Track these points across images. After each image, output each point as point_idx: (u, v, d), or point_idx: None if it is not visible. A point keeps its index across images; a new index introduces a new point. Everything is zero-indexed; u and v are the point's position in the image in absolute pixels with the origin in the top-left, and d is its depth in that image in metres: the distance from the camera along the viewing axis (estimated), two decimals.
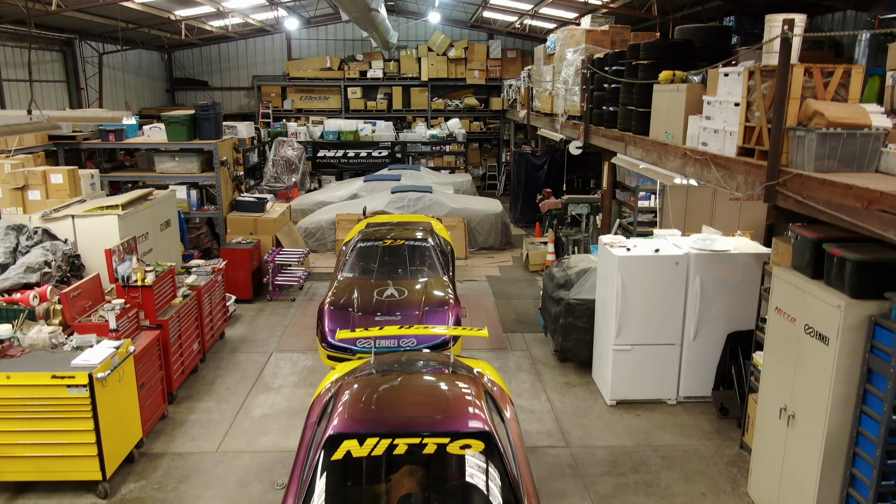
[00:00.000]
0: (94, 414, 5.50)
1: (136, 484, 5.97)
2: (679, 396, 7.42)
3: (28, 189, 8.19)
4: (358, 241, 9.44)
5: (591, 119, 10.64)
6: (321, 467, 4.27)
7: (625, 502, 5.72)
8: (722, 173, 6.23)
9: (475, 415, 4.57)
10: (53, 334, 5.94)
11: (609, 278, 7.26)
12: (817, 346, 4.81)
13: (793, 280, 5.14)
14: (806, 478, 4.97)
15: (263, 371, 8.26)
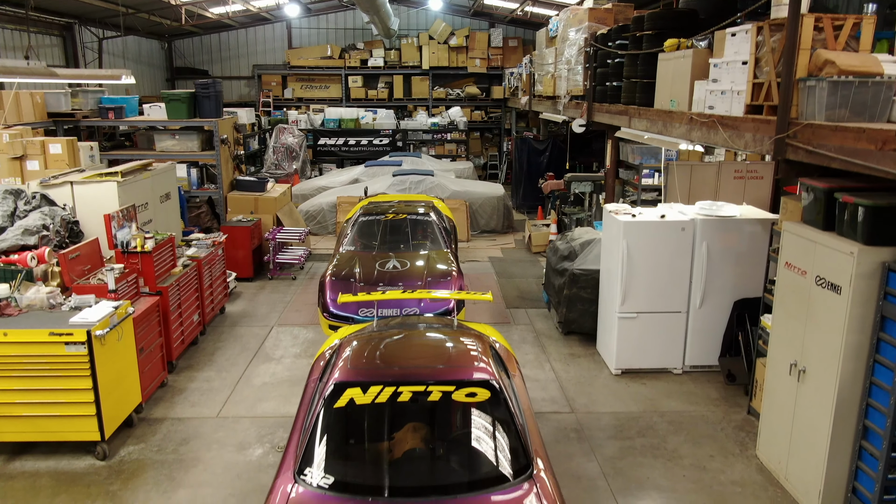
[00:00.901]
0: (92, 372, 5.41)
1: (136, 447, 5.88)
2: (685, 365, 7.33)
3: (26, 159, 8.12)
4: (359, 215, 9.36)
5: (594, 97, 10.56)
6: (323, 415, 4.18)
7: (631, 464, 5.63)
8: (729, 133, 6.15)
9: (480, 366, 4.50)
10: (51, 295, 5.85)
11: (614, 245, 7.18)
12: (829, 297, 4.72)
13: (803, 233, 5.05)
14: (817, 433, 4.88)
15: (264, 343, 8.17)
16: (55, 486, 5.29)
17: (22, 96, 10.02)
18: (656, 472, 5.52)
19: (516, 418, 4.24)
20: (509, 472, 3.90)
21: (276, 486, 3.88)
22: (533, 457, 4.03)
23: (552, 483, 3.86)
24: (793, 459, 5.20)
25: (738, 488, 5.31)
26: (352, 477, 3.98)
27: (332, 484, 3.83)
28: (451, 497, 3.75)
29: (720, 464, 5.64)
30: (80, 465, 5.57)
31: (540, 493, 3.76)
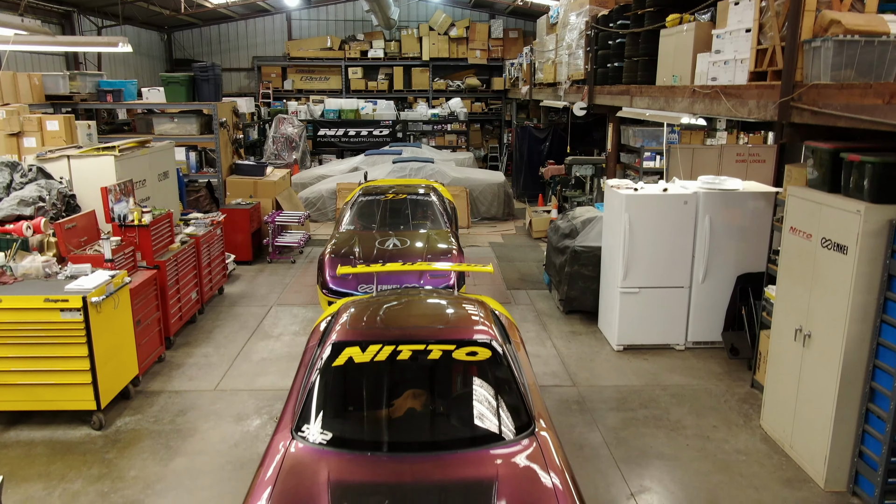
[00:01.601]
0: (88, 340, 5.35)
1: (132, 417, 5.81)
2: (687, 342, 7.26)
3: (23, 136, 8.05)
4: (359, 195, 9.30)
5: (595, 80, 10.50)
6: (322, 374, 4.11)
7: (634, 434, 5.56)
8: (733, 102, 6.09)
9: (481, 328, 4.43)
10: (47, 264, 5.79)
11: (616, 220, 7.11)
12: (835, 258, 4.65)
13: (808, 196, 4.99)
14: (823, 398, 4.81)
15: (263, 322, 8.10)
16: (50, 454, 5.22)
17: (19, 78, 9.97)
18: (659, 441, 5.45)
19: (518, 378, 4.18)
20: (511, 429, 3.84)
21: (273, 442, 3.82)
22: (535, 416, 3.96)
23: (555, 441, 3.79)
24: (798, 427, 5.13)
25: (743, 456, 5.24)
26: (350, 433, 3.91)
27: (331, 440, 3.76)
28: (451, 452, 3.68)
29: (724, 434, 5.57)
30: (75, 435, 5.50)
31: (542, 449, 3.69)
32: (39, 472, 4.98)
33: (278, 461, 3.59)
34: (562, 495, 3.30)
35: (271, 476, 3.48)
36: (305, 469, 3.53)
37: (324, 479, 3.40)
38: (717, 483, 4.89)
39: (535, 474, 3.46)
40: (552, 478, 3.43)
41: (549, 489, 3.34)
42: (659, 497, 4.72)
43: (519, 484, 3.40)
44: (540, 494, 3.31)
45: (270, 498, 3.29)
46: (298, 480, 3.46)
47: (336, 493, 3.32)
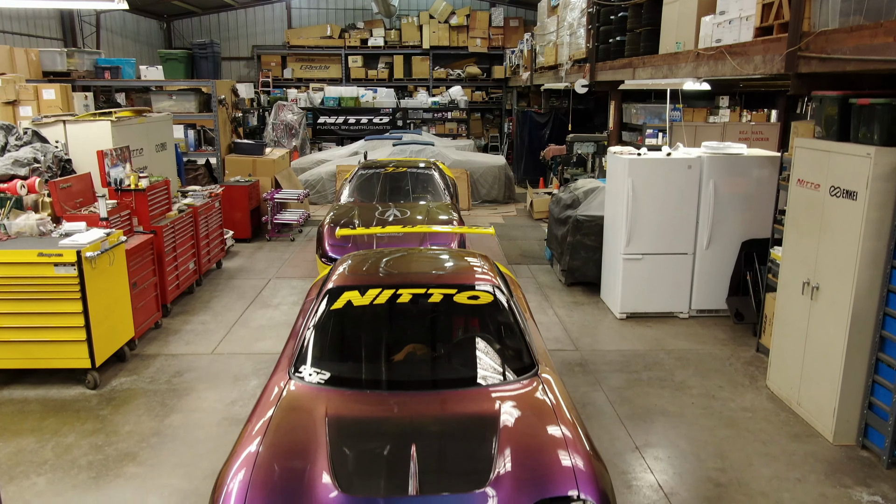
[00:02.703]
0: (82, 296, 5.25)
1: (128, 378, 5.72)
2: (691, 309, 7.16)
3: (19, 104, 7.97)
4: (359, 169, 9.21)
5: (596, 57, 10.41)
6: (320, 318, 4.02)
7: (638, 393, 5.47)
8: (738, 60, 6.00)
9: (483, 275, 4.35)
10: (41, 222, 5.70)
11: (619, 186, 7.01)
12: (844, 206, 4.56)
13: (816, 145, 4.90)
14: (831, 351, 4.72)
15: (262, 293, 8.01)
16: (43, 411, 5.13)
17: (16, 52, 9.87)
18: (664, 400, 5.36)
19: (520, 324, 4.08)
20: (513, 370, 3.74)
21: (270, 383, 3.73)
22: (537, 360, 3.86)
23: (558, 383, 3.70)
24: (805, 383, 5.04)
25: (749, 413, 5.14)
26: (349, 373, 3.82)
27: (329, 379, 3.67)
28: (452, 390, 3.59)
29: (729, 393, 5.48)
30: (69, 394, 5.40)
31: (545, 388, 3.59)
32: (32, 427, 4.89)
33: (275, 398, 3.50)
34: (566, 427, 3.20)
35: (268, 411, 3.38)
36: (303, 405, 3.44)
37: (321, 414, 3.31)
38: (724, 437, 4.80)
39: (538, 409, 3.37)
40: (555, 413, 3.33)
41: (553, 422, 3.24)
42: (665, 451, 4.62)
43: (522, 417, 3.31)
44: (543, 427, 3.21)
45: (267, 430, 3.20)
46: (296, 415, 3.37)
47: (334, 426, 3.23)
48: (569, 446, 3.05)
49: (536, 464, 2.99)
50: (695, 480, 4.28)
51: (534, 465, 2.98)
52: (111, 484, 4.21)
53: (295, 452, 3.09)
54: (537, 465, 2.98)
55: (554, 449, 3.06)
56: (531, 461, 3.00)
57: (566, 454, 3.00)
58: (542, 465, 2.98)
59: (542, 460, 3.01)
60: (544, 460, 3.01)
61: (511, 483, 2.86)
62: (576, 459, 2.97)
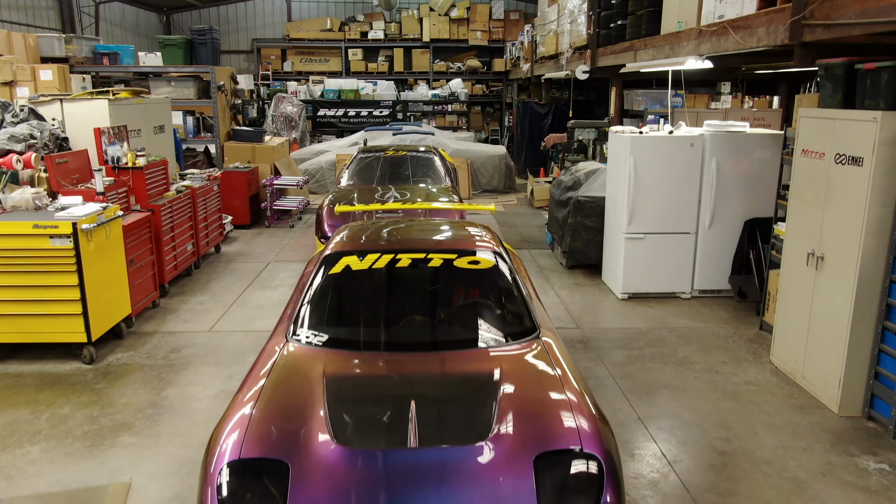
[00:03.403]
0: (78, 268, 5.19)
1: (124, 353, 5.66)
2: (694, 290, 7.10)
3: (16, 85, 7.92)
4: (358, 153, 9.15)
5: (597, 42, 10.36)
6: (318, 282, 3.96)
7: (640, 368, 5.40)
8: (741, 34, 5.94)
9: (484, 242, 4.29)
10: (37, 196, 5.63)
11: (620, 164, 6.95)
12: (849, 173, 4.50)
13: (821, 114, 4.83)
14: (836, 321, 4.65)
15: (260, 275, 7.95)
16: (39, 384, 5.07)
17: (14, 37, 9.82)
18: (666, 374, 5.29)
19: (521, 289, 4.02)
20: (514, 333, 3.68)
21: (267, 345, 3.66)
22: (538, 324, 3.80)
23: (559, 345, 3.64)
24: (810, 356, 4.97)
25: (753, 387, 5.08)
26: (348, 336, 3.76)
27: (327, 341, 3.61)
28: (452, 351, 3.52)
29: (733, 368, 5.41)
30: (65, 369, 5.34)
31: (546, 350, 3.53)
32: (27, 400, 4.82)
33: (273, 359, 3.43)
34: (568, 387, 3.14)
35: (265, 370, 3.32)
36: (300, 365, 3.38)
37: (319, 373, 3.25)
38: (727, 409, 4.73)
39: (540, 369, 3.30)
40: (556, 371, 3.27)
41: (555, 381, 3.17)
42: (668, 422, 4.56)
43: (524, 376, 3.24)
44: (545, 386, 3.15)
45: (263, 389, 3.14)
46: (292, 374, 3.30)
47: (331, 384, 3.16)
48: (572, 405, 2.98)
49: (539, 419, 2.92)
50: (699, 449, 4.22)
51: (536, 420, 2.91)
52: (106, 452, 4.14)
53: (291, 408, 3.02)
54: (539, 420, 2.91)
55: (557, 406, 2.99)
56: (533, 417, 2.93)
57: (569, 412, 2.93)
58: (545, 421, 2.91)
59: (544, 416, 2.94)
60: (547, 416, 2.94)
61: (512, 436, 2.80)
62: (579, 417, 2.90)
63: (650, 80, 11.91)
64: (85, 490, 3.77)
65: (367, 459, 2.71)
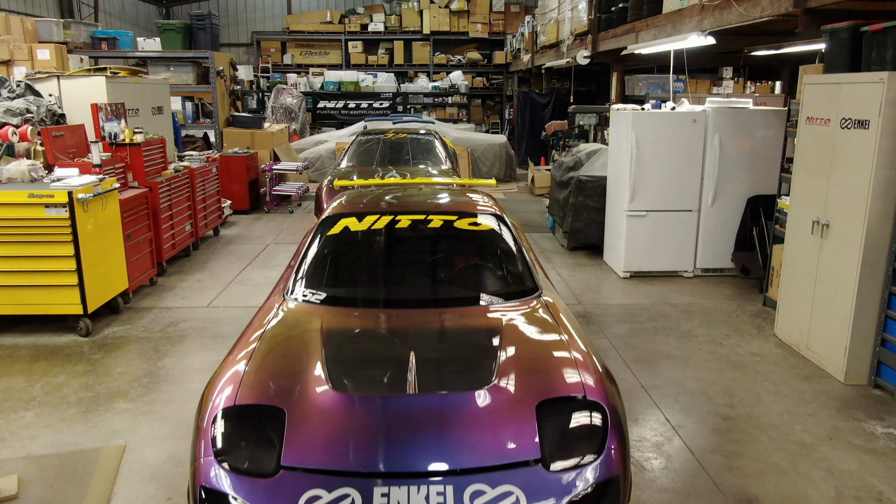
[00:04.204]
0: (74, 238, 5.13)
1: (121, 327, 5.59)
2: (696, 268, 7.04)
3: (13, 64, 7.86)
4: (358, 135, 9.09)
5: (598, 27, 10.30)
6: (317, 244, 3.90)
7: (643, 340, 5.34)
8: (744, 6, 5.89)
9: (485, 205, 4.24)
10: (33, 168, 5.57)
11: (622, 141, 6.88)
12: (855, 137, 4.43)
13: (827, 79, 4.77)
14: (842, 288, 4.59)
15: (259, 255, 7.89)
16: (34, 355, 5.00)
17: (12, 20, 9.75)
18: (669, 346, 5.23)
19: (522, 250, 3.96)
20: (516, 293, 3.62)
21: (264, 305, 3.60)
22: (540, 284, 3.74)
23: (562, 306, 3.57)
24: (815, 326, 4.91)
25: (758, 358, 5.01)
26: (346, 294, 3.70)
27: (325, 299, 3.54)
28: (453, 307, 3.46)
29: (736, 341, 5.35)
30: (61, 341, 5.28)
31: (548, 307, 3.47)
32: (21, 370, 4.76)
33: (269, 316, 3.37)
34: (571, 342, 3.07)
35: (261, 326, 3.26)
36: (298, 320, 3.32)
37: (317, 327, 3.18)
38: (732, 378, 4.67)
39: (542, 324, 3.24)
40: (559, 327, 3.20)
41: (558, 336, 3.11)
42: (672, 390, 4.49)
43: (526, 330, 3.18)
44: (548, 339, 3.09)
45: (260, 341, 3.07)
46: (290, 328, 3.25)
47: (329, 337, 3.10)
48: (576, 359, 2.88)
49: (541, 369, 2.85)
50: (703, 415, 4.15)
51: (538, 370, 2.85)
52: (101, 417, 4.08)
53: (288, 359, 2.97)
54: (542, 370, 2.85)
55: (560, 358, 2.92)
56: (536, 367, 2.87)
57: (573, 364, 2.85)
58: (548, 371, 2.84)
59: (547, 367, 2.88)
60: (550, 367, 2.87)
61: (514, 384, 2.73)
62: (583, 369, 2.81)
63: (652, 68, 11.87)
64: (79, 452, 3.70)
65: (365, 404, 2.65)
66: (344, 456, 2.44)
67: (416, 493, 2.32)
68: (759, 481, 3.44)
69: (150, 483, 3.42)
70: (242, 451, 2.51)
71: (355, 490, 2.33)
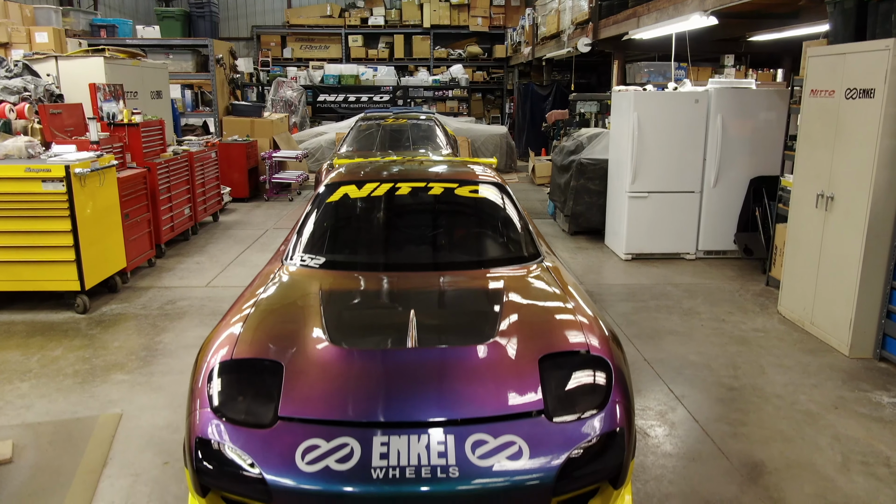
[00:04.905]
0: (71, 213, 5.08)
1: (118, 305, 5.55)
2: (698, 251, 6.99)
3: (11, 47, 7.81)
4: (357, 121, 9.04)
5: (599, 14, 10.26)
6: (316, 212, 3.86)
7: (646, 317, 5.29)
8: None
9: (486, 174, 4.21)
10: (30, 144, 5.50)
11: (624, 123, 6.84)
12: (861, 106, 4.39)
13: (831, 50, 4.72)
14: (847, 261, 4.54)
15: (259, 239, 7.84)
16: (30, 331, 4.96)
17: (10, 7, 9.70)
18: (672, 322, 5.18)
19: (523, 218, 3.92)
20: (518, 258, 3.57)
21: (262, 270, 3.56)
22: (542, 251, 3.70)
23: (565, 271, 3.53)
24: (819, 301, 4.86)
25: (761, 333, 4.96)
26: (346, 258, 3.65)
27: (324, 263, 3.50)
28: (454, 271, 3.41)
29: (739, 318, 5.30)
30: (58, 318, 5.23)
31: (550, 271, 3.43)
32: (18, 344, 4.71)
33: (268, 280, 3.32)
34: (574, 304, 3.02)
35: (260, 287, 3.22)
36: (297, 283, 3.28)
37: (316, 288, 3.14)
38: (735, 352, 4.62)
39: (545, 287, 3.20)
40: (564, 291, 3.16)
41: (561, 298, 3.06)
42: (675, 363, 4.44)
43: (529, 291, 3.14)
44: (551, 300, 3.04)
45: (258, 301, 3.03)
46: (289, 289, 3.21)
47: (328, 297, 3.06)
48: (579, 317, 2.83)
49: (544, 326, 2.81)
50: (706, 386, 4.10)
51: (541, 327, 2.80)
52: (97, 388, 4.03)
53: (286, 316, 2.93)
54: (545, 327, 2.81)
55: (563, 317, 2.87)
56: (538, 324, 2.82)
57: (576, 323, 2.80)
58: (551, 327, 2.80)
59: (550, 324, 2.83)
60: (553, 324, 2.83)
61: (516, 339, 2.68)
62: (586, 326, 2.77)
63: (653, 56, 11.82)
64: (75, 420, 3.65)
65: (365, 358, 2.61)
66: (343, 407, 2.40)
67: (416, 443, 2.27)
68: (765, 447, 3.39)
69: (146, 449, 3.37)
70: (239, 404, 2.46)
71: (354, 440, 2.28)
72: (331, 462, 2.22)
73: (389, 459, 2.22)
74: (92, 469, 3.17)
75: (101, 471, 3.17)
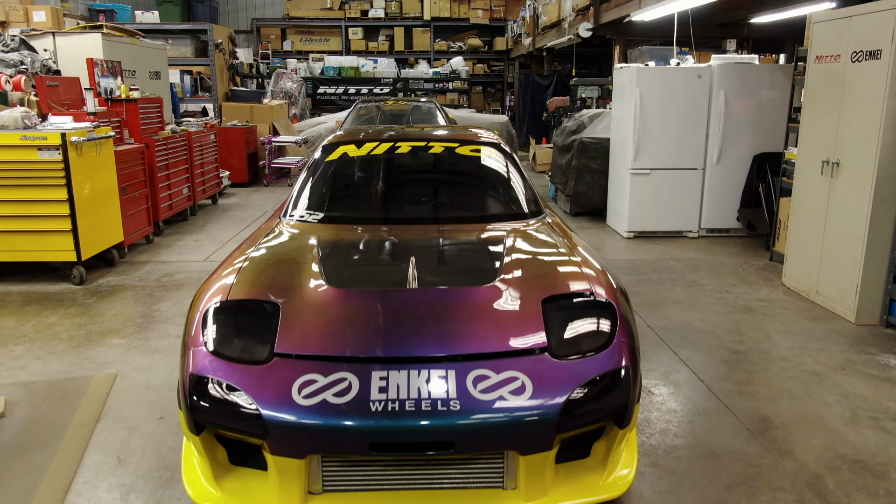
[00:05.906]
0: (67, 182, 5.02)
1: (115, 277, 5.49)
2: (701, 228, 6.93)
3: (9, 26, 7.75)
4: (358, 103, 8.99)
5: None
6: (315, 171, 3.80)
7: (648, 288, 5.23)
8: None
9: (487, 135, 4.16)
10: (26, 115, 5.43)
11: (626, 97, 6.78)
12: (867, 68, 4.33)
13: (836, 14, 4.67)
14: (853, 227, 4.48)
15: (258, 220, 7.78)
16: (26, 300, 4.90)
17: None
18: (675, 293, 5.12)
19: (524, 177, 3.87)
20: (520, 213, 3.52)
21: (261, 227, 3.51)
22: (544, 209, 3.65)
23: (567, 226, 3.49)
24: (825, 269, 4.80)
25: (765, 303, 4.90)
26: (345, 213, 3.60)
27: (323, 218, 3.44)
28: (454, 224, 3.35)
29: (743, 289, 5.24)
30: (54, 288, 5.17)
31: (553, 225, 3.38)
32: (12, 312, 4.66)
33: (266, 233, 3.27)
34: (576, 251, 2.98)
35: (258, 238, 3.17)
36: (295, 235, 3.22)
37: (314, 241, 3.08)
38: (740, 319, 4.56)
39: (548, 238, 3.15)
40: (568, 243, 3.11)
41: (565, 248, 3.01)
42: (680, 329, 4.38)
43: (532, 242, 3.08)
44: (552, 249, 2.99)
45: (255, 249, 2.97)
46: (287, 239, 3.15)
47: (326, 245, 3.00)
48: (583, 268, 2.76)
49: (547, 271, 2.75)
50: (711, 349, 4.04)
51: (544, 271, 2.75)
52: (93, 351, 3.97)
53: (283, 262, 2.88)
54: (548, 271, 2.75)
55: (566, 266, 2.81)
56: (542, 269, 2.76)
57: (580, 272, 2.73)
58: (554, 271, 2.74)
59: (553, 269, 2.77)
60: (556, 269, 2.77)
61: (519, 282, 2.62)
62: (590, 273, 2.70)
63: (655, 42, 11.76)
64: (69, 379, 3.59)
65: (363, 297, 2.55)
66: (340, 343, 2.34)
67: (416, 377, 2.21)
68: (772, 404, 3.33)
69: (141, 405, 3.31)
70: (234, 343, 2.40)
71: (352, 374, 2.22)
72: (328, 395, 2.16)
73: (388, 393, 2.17)
74: (85, 423, 3.11)
75: (94, 425, 3.11)
